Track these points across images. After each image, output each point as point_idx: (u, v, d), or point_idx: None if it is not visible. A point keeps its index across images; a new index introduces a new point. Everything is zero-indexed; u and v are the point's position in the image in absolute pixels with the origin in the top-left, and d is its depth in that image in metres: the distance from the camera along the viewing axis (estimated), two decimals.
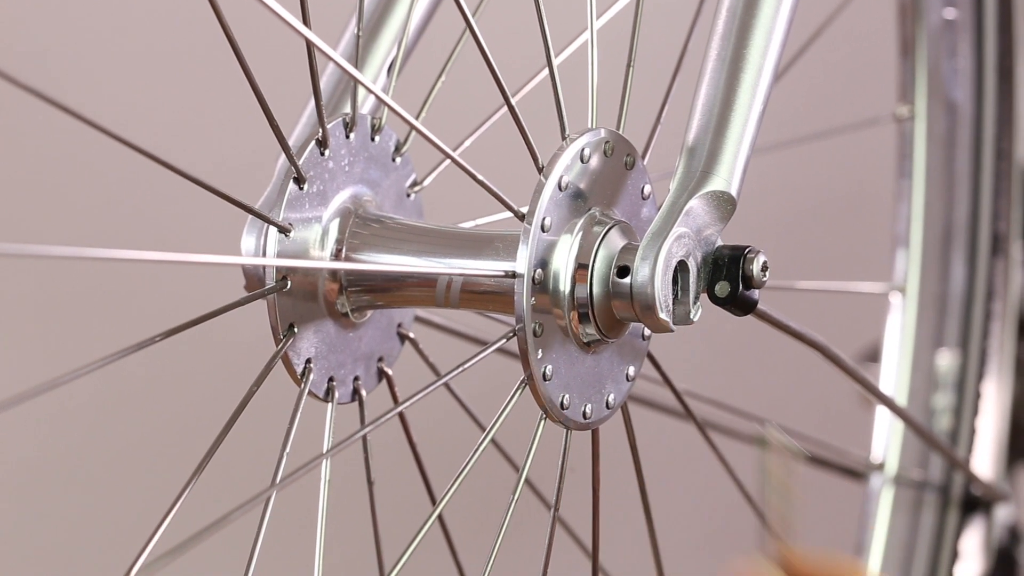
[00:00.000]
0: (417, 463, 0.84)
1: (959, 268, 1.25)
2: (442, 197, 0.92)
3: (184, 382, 1.42)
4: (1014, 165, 1.25)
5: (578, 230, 0.75)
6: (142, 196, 1.39)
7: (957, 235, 1.25)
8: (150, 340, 0.70)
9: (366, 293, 0.78)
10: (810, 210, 1.57)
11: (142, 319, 0.99)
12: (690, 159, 0.76)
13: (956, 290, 1.25)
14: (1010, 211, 1.25)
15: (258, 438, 0.95)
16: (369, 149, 0.80)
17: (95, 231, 1.37)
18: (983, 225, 1.25)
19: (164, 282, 1.39)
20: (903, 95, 1.22)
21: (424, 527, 0.74)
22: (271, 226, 0.75)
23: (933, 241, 1.24)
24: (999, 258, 1.25)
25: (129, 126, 1.17)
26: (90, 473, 1.41)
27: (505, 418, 0.76)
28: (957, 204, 1.24)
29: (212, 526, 0.65)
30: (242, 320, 0.88)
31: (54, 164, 1.37)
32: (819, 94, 1.52)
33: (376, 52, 0.85)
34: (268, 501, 0.73)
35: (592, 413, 0.77)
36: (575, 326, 0.75)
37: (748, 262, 0.76)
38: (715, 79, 0.77)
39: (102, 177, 1.38)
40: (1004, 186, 1.25)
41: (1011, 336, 1.26)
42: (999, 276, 1.25)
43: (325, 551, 0.77)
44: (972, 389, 1.25)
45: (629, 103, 0.80)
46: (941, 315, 1.25)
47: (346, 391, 0.80)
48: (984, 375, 1.25)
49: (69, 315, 1.38)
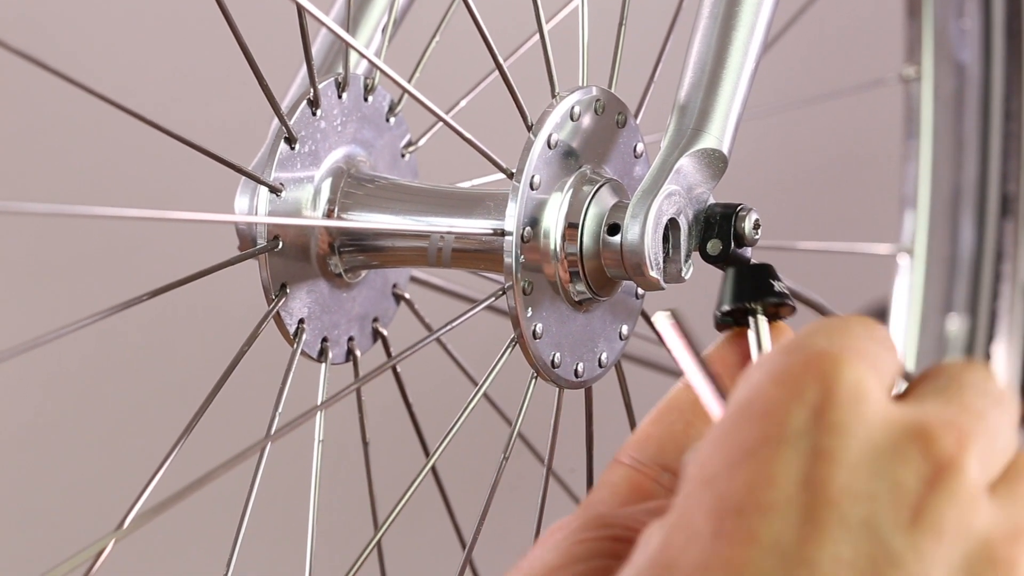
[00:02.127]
0: (411, 416, 0.85)
1: (968, 230, 1.24)
2: (440, 158, 0.92)
3: (180, 345, 1.43)
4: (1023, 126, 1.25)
5: (568, 188, 0.75)
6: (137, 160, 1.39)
7: (966, 196, 1.24)
8: (138, 299, 0.70)
9: (359, 253, 0.79)
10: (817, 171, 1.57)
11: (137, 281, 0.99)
12: (681, 117, 0.76)
13: (965, 252, 1.24)
14: (1020, 172, 1.25)
15: (256, 399, 0.96)
16: (362, 109, 0.80)
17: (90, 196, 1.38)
18: (992, 186, 1.24)
19: (159, 246, 1.40)
20: (910, 56, 1.21)
21: (418, 478, 0.74)
22: (262, 186, 0.76)
23: (941, 202, 1.24)
24: (1008, 220, 1.25)
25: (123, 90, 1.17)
26: (84, 433, 1.42)
27: (497, 375, 0.76)
28: (966, 165, 1.24)
29: (205, 477, 0.66)
30: (241, 282, 0.88)
31: (48, 126, 1.38)
32: (826, 55, 1.52)
33: (370, 14, 0.85)
34: (262, 452, 0.74)
35: (584, 371, 0.77)
36: (565, 284, 0.75)
37: (740, 220, 0.75)
38: (707, 37, 0.77)
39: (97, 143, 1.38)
40: (1014, 147, 1.25)
41: (1022, 297, 1.26)
42: (1009, 237, 1.25)
43: (320, 507, 0.78)
44: (982, 351, 1.25)
45: (621, 62, 0.80)
46: (950, 277, 1.24)
47: (340, 351, 0.80)
48: (994, 337, 1.25)
49: (63, 275, 1.39)
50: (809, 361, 0.50)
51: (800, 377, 0.50)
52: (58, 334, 0.68)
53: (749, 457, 0.49)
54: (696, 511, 0.49)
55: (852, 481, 0.48)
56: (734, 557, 0.47)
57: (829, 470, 0.48)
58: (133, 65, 1.39)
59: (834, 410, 0.49)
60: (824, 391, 0.50)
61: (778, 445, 0.49)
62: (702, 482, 0.49)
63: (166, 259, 1.38)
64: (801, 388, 0.50)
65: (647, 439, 0.61)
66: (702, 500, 0.49)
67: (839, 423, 0.49)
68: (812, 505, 0.48)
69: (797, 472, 0.48)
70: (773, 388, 0.50)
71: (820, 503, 0.48)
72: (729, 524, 0.48)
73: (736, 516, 0.48)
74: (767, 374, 0.51)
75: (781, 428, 0.49)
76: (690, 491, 0.49)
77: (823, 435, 0.49)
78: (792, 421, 0.49)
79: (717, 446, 0.50)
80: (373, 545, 0.74)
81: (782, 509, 0.48)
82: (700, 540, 0.48)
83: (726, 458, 0.49)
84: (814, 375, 0.50)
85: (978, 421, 0.51)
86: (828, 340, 0.51)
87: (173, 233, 1.38)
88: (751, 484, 0.48)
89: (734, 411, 0.50)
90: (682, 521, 0.49)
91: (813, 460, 0.48)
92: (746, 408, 0.50)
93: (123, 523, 0.70)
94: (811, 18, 1.12)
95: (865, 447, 0.49)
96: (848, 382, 0.50)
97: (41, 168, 1.38)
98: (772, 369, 0.51)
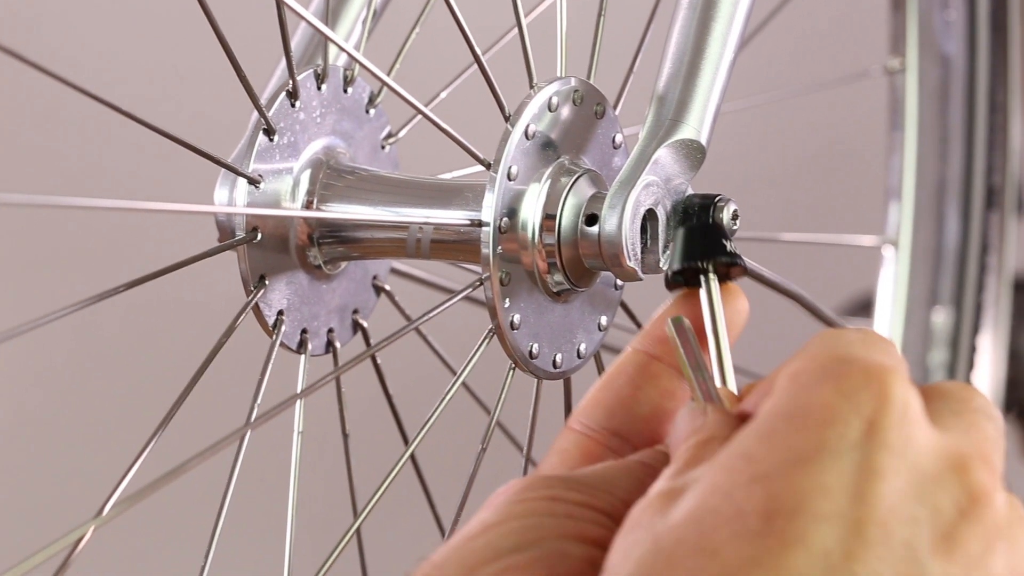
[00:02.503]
0: (390, 404, 0.85)
1: (953, 222, 1.24)
2: (422, 150, 0.92)
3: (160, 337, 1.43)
4: (1009, 118, 1.25)
5: (546, 178, 0.75)
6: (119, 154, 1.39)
7: (951, 188, 1.24)
8: (114, 290, 0.70)
9: (338, 244, 0.79)
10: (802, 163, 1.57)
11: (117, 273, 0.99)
12: (660, 107, 0.76)
13: (950, 244, 1.24)
14: (1005, 164, 1.25)
15: (236, 391, 0.96)
16: (341, 101, 0.80)
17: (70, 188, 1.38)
18: (977, 178, 1.24)
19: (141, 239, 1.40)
20: (894, 48, 1.22)
21: (397, 465, 0.74)
22: (241, 177, 0.76)
23: (927, 194, 1.24)
24: (994, 212, 1.25)
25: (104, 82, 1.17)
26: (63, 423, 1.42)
27: (478, 366, 0.76)
28: (951, 157, 1.24)
29: (184, 465, 0.66)
30: (222, 275, 0.88)
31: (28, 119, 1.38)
32: (811, 47, 1.52)
33: (350, 7, 0.85)
34: (242, 440, 0.74)
35: (563, 362, 0.77)
36: (543, 275, 0.75)
37: (718, 210, 0.75)
38: (686, 28, 0.77)
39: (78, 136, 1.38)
40: (999, 139, 1.25)
41: (1007, 290, 1.26)
42: (994, 230, 1.25)
43: (301, 498, 0.78)
44: (967, 343, 1.25)
45: (600, 52, 0.80)
46: (935, 269, 1.24)
47: (320, 343, 0.80)
48: (979, 329, 1.25)
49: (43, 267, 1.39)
50: (868, 373, 0.52)
51: (859, 388, 0.52)
52: (34, 324, 0.69)
53: (806, 463, 0.50)
54: (746, 504, 0.50)
55: (899, 502, 0.50)
56: (783, 558, 0.48)
57: (879, 488, 0.50)
58: (114, 58, 1.39)
59: (887, 427, 0.51)
60: (878, 406, 0.51)
61: (835, 455, 0.50)
62: (753, 477, 0.50)
63: (148, 252, 1.38)
64: (859, 400, 0.51)
65: (596, 404, 0.62)
66: (752, 494, 0.50)
67: (891, 442, 0.51)
68: (862, 520, 0.49)
69: (848, 484, 0.50)
70: (834, 396, 0.51)
71: (869, 520, 0.50)
72: (781, 525, 0.49)
73: (789, 519, 0.49)
74: (826, 379, 0.52)
75: (840, 439, 0.51)
76: (735, 481, 0.50)
77: (876, 452, 0.51)
78: (849, 432, 0.51)
79: (769, 442, 0.51)
80: (352, 533, 0.75)
81: (833, 520, 0.49)
82: (749, 535, 0.49)
83: (781, 458, 0.50)
84: (871, 388, 0.52)
85: (996, 451, 0.54)
86: (869, 352, 0.53)
87: (156, 227, 1.38)
88: (807, 490, 0.50)
89: (790, 410, 0.52)
90: (726, 510, 0.50)
91: (865, 475, 0.50)
92: (805, 411, 0.52)
93: (102, 511, 0.70)
94: (796, 10, 1.12)
95: (912, 471, 0.51)
96: (899, 399, 0.52)
97: (21, 160, 1.38)
98: (831, 374, 0.52)
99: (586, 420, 0.62)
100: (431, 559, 0.53)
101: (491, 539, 0.53)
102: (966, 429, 0.54)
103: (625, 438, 0.62)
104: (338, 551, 0.74)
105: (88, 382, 1.42)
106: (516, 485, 0.56)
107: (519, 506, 0.55)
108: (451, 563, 0.52)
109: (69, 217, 1.38)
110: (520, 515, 0.54)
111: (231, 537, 0.77)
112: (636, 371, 0.63)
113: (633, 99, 0.82)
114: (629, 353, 0.63)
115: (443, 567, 0.52)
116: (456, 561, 0.52)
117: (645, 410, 0.63)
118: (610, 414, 0.62)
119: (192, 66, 1.41)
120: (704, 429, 0.55)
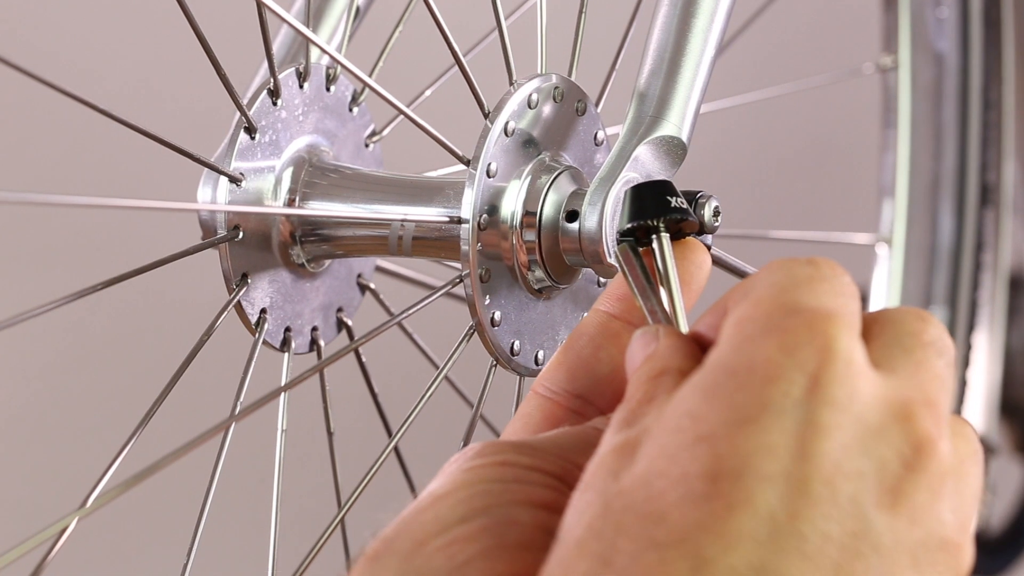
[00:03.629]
0: (373, 398, 0.85)
1: (947, 219, 1.24)
2: (407, 148, 0.92)
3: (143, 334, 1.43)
4: (1003, 115, 1.25)
5: (527, 175, 0.75)
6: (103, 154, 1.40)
7: (945, 186, 1.24)
8: (94, 287, 0.70)
9: (320, 242, 0.79)
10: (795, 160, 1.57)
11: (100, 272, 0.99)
12: (640, 104, 0.76)
13: (944, 241, 1.24)
14: (999, 162, 1.25)
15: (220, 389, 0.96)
16: (324, 99, 0.80)
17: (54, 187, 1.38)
18: (971, 176, 1.24)
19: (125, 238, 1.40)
20: (887, 45, 1.22)
21: (381, 456, 0.75)
22: (223, 176, 0.76)
23: (920, 192, 1.24)
24: (988, 209, 1.25)
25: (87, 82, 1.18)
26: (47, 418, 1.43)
27: (463, 362, 0.77)
28: (944, 154, 1.24)
29: (168, 457, 0.66)
30: (205, 273, 0.89)
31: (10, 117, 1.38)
32: (803, 44, 1.52)
33: (333, 7, 0.85)
34: (226, 433, 0.74)
35: (545, 359, 0.78)
36: (524, 271, 0.75)
37: (700, 207, 0.75)
38: (667, 24, 0.77)
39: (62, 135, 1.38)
40: (993, 136, 1.25)
41: (1003, 287, 1.26)
42: (988, 227, 1.25)
43: (285, 494, 0.78)
44: (963, 341, 1.25)
45: (581, 50, 0.80)
46: (929, 267, 1.24)
47: (304, 341, 0.80)
48: (975, 326, 1.25)
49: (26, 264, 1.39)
50: (812, 326, 0.51)
51: (802, 344, 0.51)
52: (15, 321, 0.69)
53: (750, 423, 0.49)
54: (691, 466, 0.49)
55: (844, 458, 0.50)
56: (730, 521, 0.48)
57: (823, 445, 0.49)
58: (97, 57, 1.39)
59: (830, 382, 0.50)
60: (821, 360, 0.50)
61: (779, 414, 0.49)
62: (697, 438, 0.50)
63: (132, 250, 1.39)
64: (802, 355, 0.50)
65: (558, 367, 0.62)
66: (696, 456, 0.49)
67: (834, 398, 0.50)
68: (806, 479, 0.49)
69: (792, 443, 0.49)
70: (777, 352, 0.51)
71: (814, 478, 0.49)
72: (726, 487, 0.48)
73: (734, 481, 0.48)
74: (770, 332, 0.51)
75: (784, 397, 0.50)
76: (680, 442, 0.50)
77: (819, 408, 0.50)
78: (792, 390, 0.50)
79: (713, 400, 0.50)
80: (336, 524, 0.75)
81: (778, 480, 0.49)
82: (695, 499, 0.48)
83: (725, 418, 0.50)
84: (815, 343, 0.51)
85: (944, 390, 0.52)
86: (817, 297, 0.52)
87: (140, 225, 1.38)
88: (751, 451, 0.49)
89: (734, 366, 0.51)
90: (672, 472, 0.49)
91: (809, 433, 0.49)
92: (748, 367, 0.51)
93: (86, 502, 0.70)
94: (789, 7, 1.12)
95: (857, 425, 0.50)
96: (843, 352, 0.51)
97: (3, 158, 1.39)
98: (775, 327, 0.51)
99: (549, 383, 0.62)
100: (383, 534, 0.53)
101: (439, 511, 0.52)
102: (914, 370, 0.52)
103: (588, 400, 0.62)
104: (323, 541, 0.74)
105: (71, 378, 1.43)
106: (467, 452, 0.55)
107: (468, 474, 0.54)
108: (402, 538, 0.52)
109: (52, 215, 1.38)
110: (469, 483, 0.53)
111: (215, 531, 0.78)
112: (596, 331, 0.62)
113: (616, 96, 0.83)
114: (590, 314, 0.63)
115: (393, 542, 0.52)
116: (406, 535, 0.52)
117: (606, 369, 0.62)
118: (572, 376, 0.62)
119: (176, 64, 1.42)
120: (656, 357, 0.54)
